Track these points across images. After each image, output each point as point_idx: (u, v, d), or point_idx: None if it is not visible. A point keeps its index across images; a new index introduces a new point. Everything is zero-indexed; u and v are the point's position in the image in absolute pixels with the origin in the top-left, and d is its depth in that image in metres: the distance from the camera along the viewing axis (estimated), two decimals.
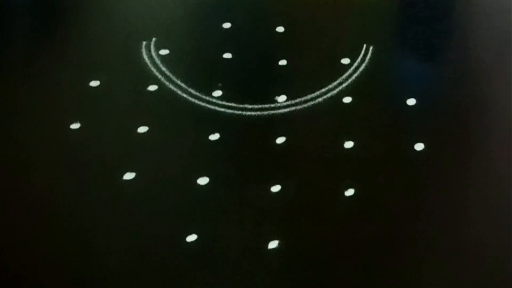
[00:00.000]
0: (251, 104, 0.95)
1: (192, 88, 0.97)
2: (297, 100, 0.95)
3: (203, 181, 0.86)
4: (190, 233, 0.80)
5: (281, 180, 0.85)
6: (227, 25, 1.08)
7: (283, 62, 1.01)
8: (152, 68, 1.01)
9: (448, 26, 1.07)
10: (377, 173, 0.85)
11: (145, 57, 1.02)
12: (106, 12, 1.12)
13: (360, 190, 0.84)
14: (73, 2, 1.13)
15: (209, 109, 0.95)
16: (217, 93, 0.97)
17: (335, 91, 0.97)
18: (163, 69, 1.00)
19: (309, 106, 0.95)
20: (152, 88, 0.98)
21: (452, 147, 0.89)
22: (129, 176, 0.86)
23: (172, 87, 0.98)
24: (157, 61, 1.02)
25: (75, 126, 0.92)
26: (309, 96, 0.96)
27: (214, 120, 0.93)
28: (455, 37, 1.05)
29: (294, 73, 1.00)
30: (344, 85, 0.98)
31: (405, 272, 0.77)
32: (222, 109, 0.95)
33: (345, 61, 1.01)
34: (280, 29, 1.07)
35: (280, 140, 0.90)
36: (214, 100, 0.96)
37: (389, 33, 1.06)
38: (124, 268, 0.78)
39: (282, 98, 0.96)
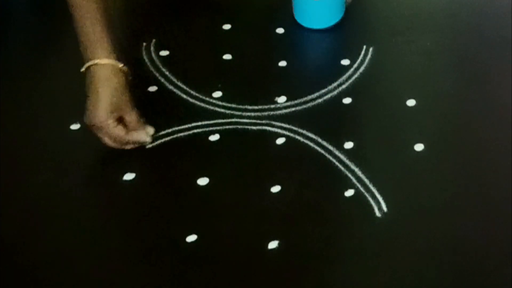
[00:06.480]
0: (251, 105, 0.95)
1: (192, 89, 0.97)
2: (297, 101, 0.95)
3: (203, 181, 0.86)
4: (190, 233, 0.80)
5: (281, 180, 0.85)
6: (227, 26, 1.08)
7: (283, 63, 1.01)
8: (152, 69, 1.01)
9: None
10: (377, 174, 0.85)
11: (145, 58, 1.02)
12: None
13: (360, 190, 0.84)
14: None
15: (209, 109, 0.95)
16: (217, 94, 0.97)
17: (335, 92, 0.97)
18: (163, 70, 1.00)
19: (309, 107, 0.95)
20: (152, 89, 0.98)
21: (452, 147, 0.89)
22: (129, 176, 0.86)
23: (172, 88, 0.98)
24: (157, 62, 1.02)
25: (75, 126, 0.92)
26: (309, 97, 0.96)
27: (214, 121, 0.93)
28: (456, 38, 1.06)
29: (294, 74, 1.01)
30: (344, 86, 0.98)
31: (405, 271, 0.77)
32: (222, 110, 0.95)
33: (345, 62, 1.01)
34: (280, 30, 1.07)
35: (280, 140, 0.90)
36: (214, 101, 0.96)
37: (389, 35, 1.06)
38: (124, 268, 0.78)
39: (282, 99, 0.96)
